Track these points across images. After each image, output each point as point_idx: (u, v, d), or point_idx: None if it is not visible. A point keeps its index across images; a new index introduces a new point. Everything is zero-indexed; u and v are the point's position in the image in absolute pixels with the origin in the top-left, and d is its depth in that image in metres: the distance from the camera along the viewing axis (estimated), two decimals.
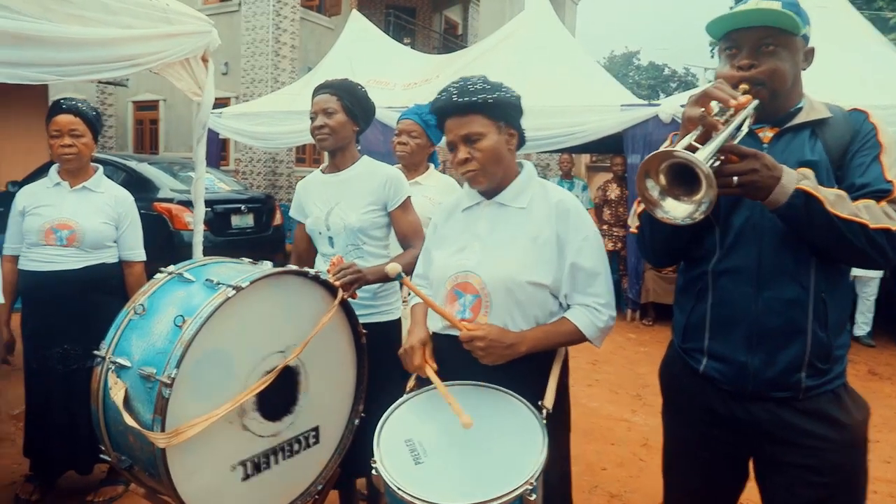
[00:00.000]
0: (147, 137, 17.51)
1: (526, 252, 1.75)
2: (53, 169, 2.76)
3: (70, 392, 2.63)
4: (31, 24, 2.91)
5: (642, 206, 1.44)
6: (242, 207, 7.60)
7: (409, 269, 2.10)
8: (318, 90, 2.35)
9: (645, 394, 4.96)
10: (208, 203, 4.68)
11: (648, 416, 4.49)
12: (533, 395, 1.68)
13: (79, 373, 2.61)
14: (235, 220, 7.54)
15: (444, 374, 1.70)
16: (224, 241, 7.16)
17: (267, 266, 1.83)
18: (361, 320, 2.09)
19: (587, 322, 1.76)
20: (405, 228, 2.37)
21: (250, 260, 1.97)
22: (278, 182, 14.71)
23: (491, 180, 1.79)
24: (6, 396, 3.83)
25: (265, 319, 1.78)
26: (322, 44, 15.17)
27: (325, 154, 2.47)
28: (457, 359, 1.74)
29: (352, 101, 2.33)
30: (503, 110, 1.76)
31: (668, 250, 1.71)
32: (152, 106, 17.22)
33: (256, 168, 14.64)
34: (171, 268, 1.85)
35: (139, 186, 6.85)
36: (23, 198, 2.71)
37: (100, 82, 11.55)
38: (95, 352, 1.72)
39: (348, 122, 2.33)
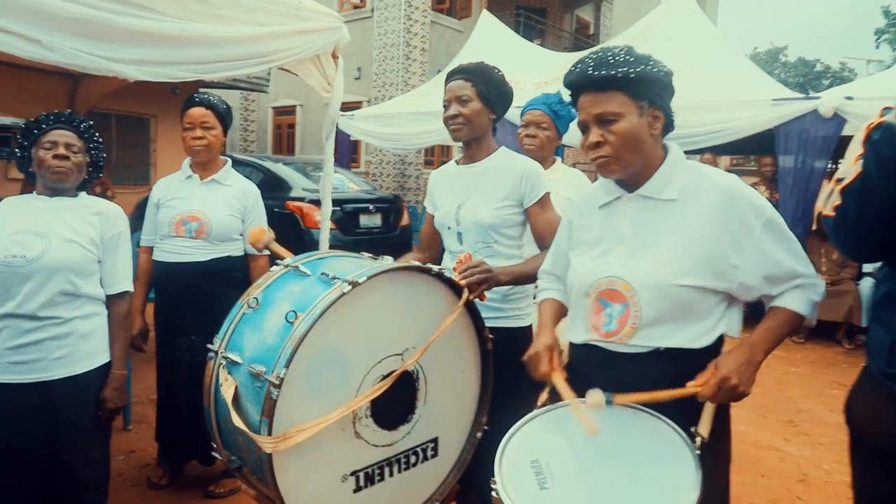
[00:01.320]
0: (285, 141, 18.48)
1: (682, 251, 1.48)
2: (186, 162, 2.83)
3: (195, 383, 2.65)
4: (174, 25, 3.01)
5: (850, 178, 1.13)
6: (371, 207, 7.68)
7: None
8: (452, 76, 2.16)
9: (799, 420, 4.40)
10: (338, 202, 4.72)
11: (804, 446, 3.96)
12: (685, 419, 1.41)
13: (203, 364, 2.63)
14: (364, 220, 7.64)
15: (581, 391, 1.47)
16: (352, 240, 7.27)
17: (388, 261, 1.68)
18: (488, 324, 1.89)
19: (805, 302, 1.52)
20: (542, 227, 2.12)
21: (371, 255, 1.83)
22: (407, 184, 14.96)
23: (626, 169, 1.53)
24: (147, 381, 4.02)
25: (383, 319, 1.64)
26: (451, 46, 15.26)
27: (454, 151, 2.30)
28: (598, 374, 1.50)
29: (487, 86, 2.11)
30: (647, 87, 1.48)
31: (880, 237, 1.33)
32: (290, 111, 18.14)
33: (386, 170, 14.98)
34: (288, 260, 1.76)
35: (273, 186, 7.13)
36: (158, 190, 2.79)
37: (242, 89, 12.25)
38: (209, 346, 1.65)
39: (484, 109, 2.12)
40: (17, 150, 2.12)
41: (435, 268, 1.72)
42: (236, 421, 1.44)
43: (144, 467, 3.19)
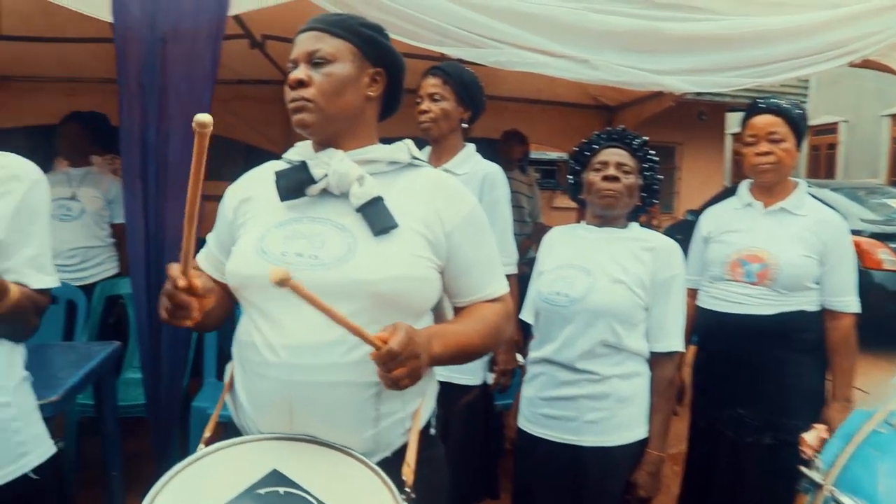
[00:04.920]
0: (822, 163, 16.20)
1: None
2: (744, 185, 2.22)
3: (738, 468, 2.06)
4: (728, 23, 2.52)
5: None
6: None
7: None
8: None
9: None
10: None
11: None
12: None
13: (752, 449, 2.02)
14: None
15: None
16: None
17: None
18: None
19: None
20: None
21: None
22: None
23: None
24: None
25: None
26: None
27: None
28: None
29: None
30: None
31: None
32: (830, 129, 15.80)
33: None
34: None
35: None
36: (707, 221, 2.27)
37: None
38: (806, 471, 1.03)
39: None
40: (568, 175, 1.92)
41: None
42: None
43: None
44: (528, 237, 4.53)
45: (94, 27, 3.36)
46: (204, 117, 0.83)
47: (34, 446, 1.28)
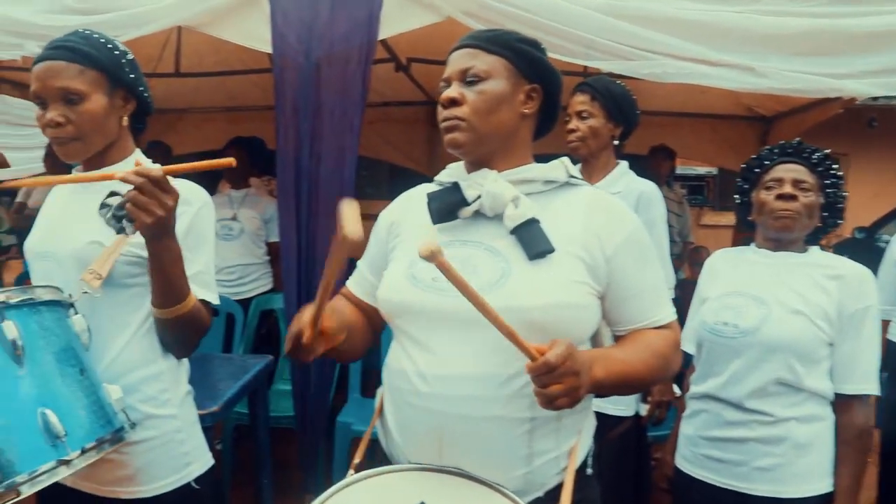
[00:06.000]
0: None
1: None
2: None
3: None
4: None
5: None
6: None
7: None
8: None
9: None
10: None
11: None
12: None
13: None
14: None
15: None
16: None
17: None
18: None
19: None
20: None
21: None
22: None
23: None
24: None
25: None
26: None
27: None
28: None
29: None
30: None
31: None
32: None
33: None
34: None
35: None
36: None
37: None
38: None
39: None
40: (736, 195, 1.74)
41: None
42: None
43: None
44: (678, 257, 4.27)
45: (255, 59, 3.60)
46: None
47: (196, 457, 1.34)
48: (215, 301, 1.32)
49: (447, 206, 1.12)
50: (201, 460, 1.35)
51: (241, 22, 2.27)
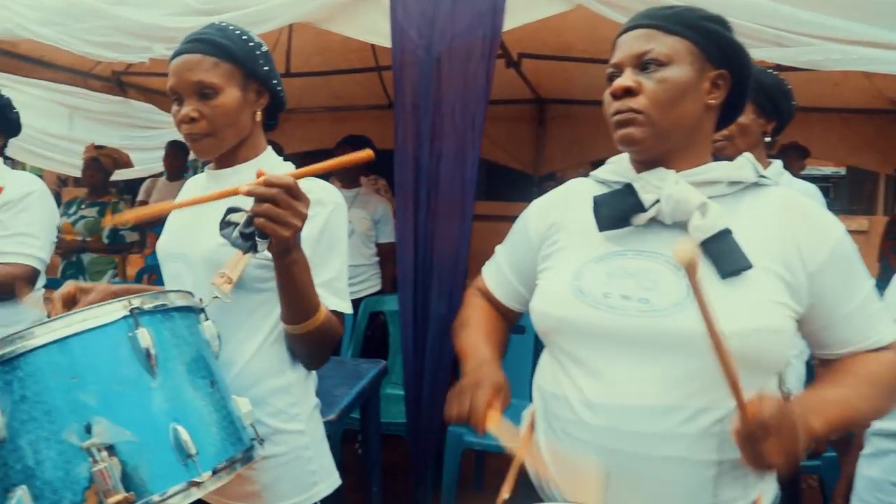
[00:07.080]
0: None
1: None
2: None
3: None
4: None
5: None
6: None
7: None
8: None
9: None
10: None
11: None
12: None
13: None
14: None
15: None
16: None
17: None
18: None
19: None
20: None
21: None
22: None
23: None
24: None
25: None
26: None
27: None
28: None
29: None
30: None
31: None
32: None
33: None
34: None
35: None
36: None
37: None
38: None
39: None
40: None
41: None
42: None
43: None
44: None
45: (360, 59, 3.55)
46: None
47: (324, 476, 1.26)
48: (348, 310, 1.22)
49: (620, 212, 0.97)
50: (328, 480, 1.26)
51: (360, 17, 2.20)
